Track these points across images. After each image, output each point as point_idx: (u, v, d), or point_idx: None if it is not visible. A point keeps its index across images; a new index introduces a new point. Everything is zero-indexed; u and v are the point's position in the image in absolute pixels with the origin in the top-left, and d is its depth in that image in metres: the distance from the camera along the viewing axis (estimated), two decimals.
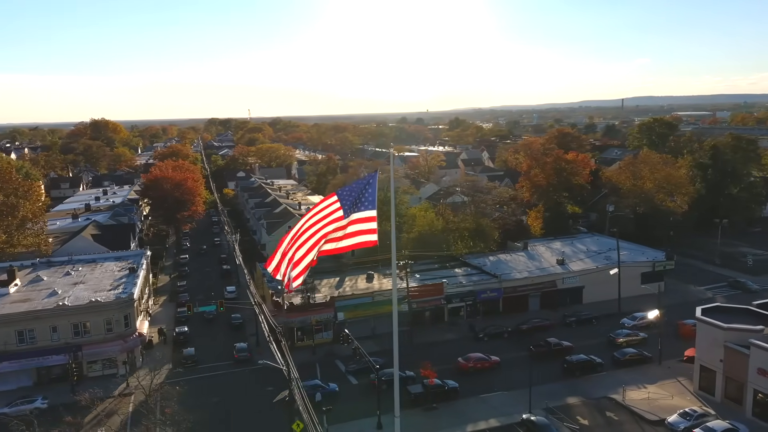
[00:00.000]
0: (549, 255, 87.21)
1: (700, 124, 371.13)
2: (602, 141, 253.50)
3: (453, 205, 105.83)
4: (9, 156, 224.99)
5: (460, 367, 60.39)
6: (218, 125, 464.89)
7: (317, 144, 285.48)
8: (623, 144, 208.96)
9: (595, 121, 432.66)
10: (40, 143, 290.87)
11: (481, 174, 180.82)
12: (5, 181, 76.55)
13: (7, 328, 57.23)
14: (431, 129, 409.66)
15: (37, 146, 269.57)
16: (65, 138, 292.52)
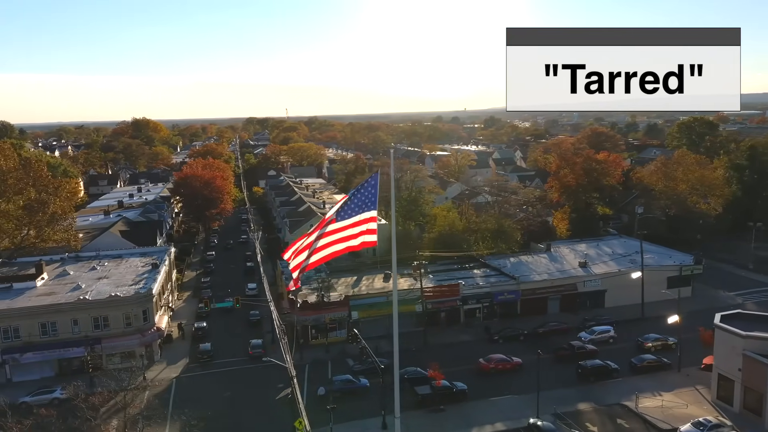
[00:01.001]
0: (572, 257, 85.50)
1: (747, 124, 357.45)
2: (642, 140, 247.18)
3: (476, 205, 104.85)
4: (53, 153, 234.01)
5: (481, 368, 59.86)
6: (256, 124, 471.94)
7: (350, 143, 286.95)
8: (662, 144, 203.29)
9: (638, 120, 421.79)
10: (84, 141, 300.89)
11: (512, 174, 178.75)
12: (36, 178, 79.38)
13: (31, 320, 59.49)
14: (466, 128, 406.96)
15: (81, 144, 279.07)
16: (108, 136, 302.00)
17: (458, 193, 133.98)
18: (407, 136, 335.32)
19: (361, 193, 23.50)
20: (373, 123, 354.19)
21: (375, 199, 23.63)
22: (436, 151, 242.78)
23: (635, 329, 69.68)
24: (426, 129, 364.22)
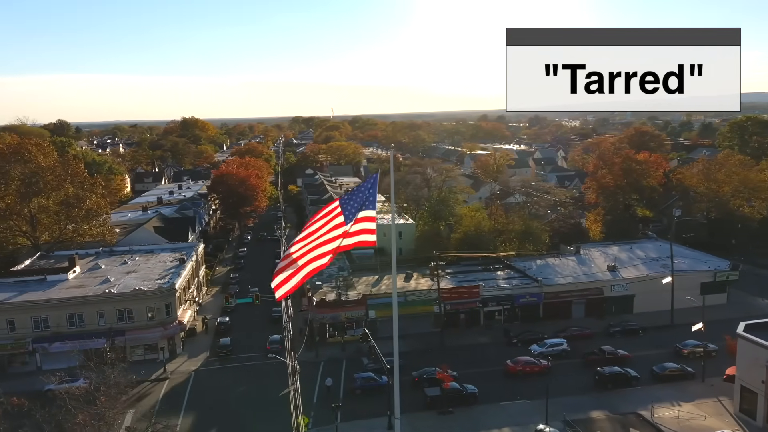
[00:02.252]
0: (601, 260, 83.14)
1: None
2: (692, 140, 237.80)
3: (506, 205, 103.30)
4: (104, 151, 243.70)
5: (508, 370, 59.15)
6: (301, 123, 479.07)
7: (391, 142, 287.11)
8: (713, 144, 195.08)
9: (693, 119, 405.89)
10: (136, 140, 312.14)
11: (551, 174, 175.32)
12: (73, 175, 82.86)
13: (59, 311, 62.20)
14: (511, 126, 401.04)
15: (132, 142, 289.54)
16: (158, 135, 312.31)
17: (492, 193, 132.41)
18: (449, 135, 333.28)
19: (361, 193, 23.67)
20: (414, 122, 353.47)
21: (374, 199, 23.77)
22: (477, 150, 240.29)
23: (663, 336, 67.43)
24: (469, 128, 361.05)
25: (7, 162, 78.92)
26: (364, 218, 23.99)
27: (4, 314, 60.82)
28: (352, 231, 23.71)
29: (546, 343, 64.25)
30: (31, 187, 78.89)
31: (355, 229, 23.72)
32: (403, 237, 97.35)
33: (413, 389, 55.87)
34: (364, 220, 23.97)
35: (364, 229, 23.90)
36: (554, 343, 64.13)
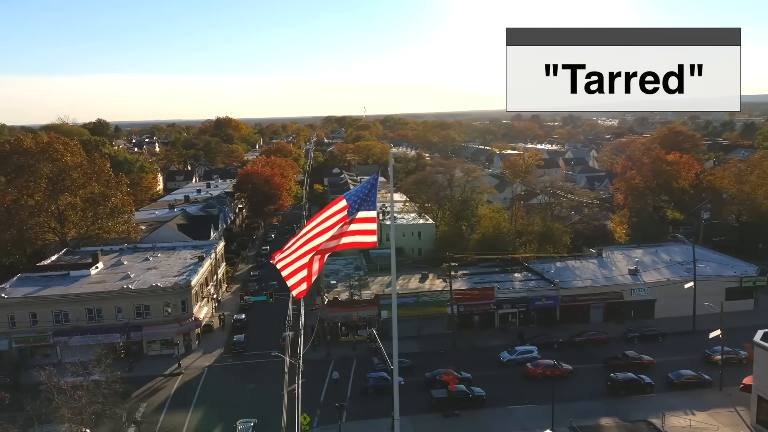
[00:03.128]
0: (624, 264, 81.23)
1: None
2: (732, 140, 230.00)
3: (528, 206, 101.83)
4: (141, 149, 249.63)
5: (528, 373, 58.39)
6: (334, 123, 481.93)
7: (421, 141, 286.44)
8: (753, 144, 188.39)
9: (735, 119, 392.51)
10: (171, 139, 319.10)
11: (580, 174, 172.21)
12: (99, 173, 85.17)
13: (79, 306, 64.07)
14: (545, 125, 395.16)
15: (168, 141, 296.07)
16: (193, 134, 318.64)
17: (517, 194, 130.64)
18: (480, 135, 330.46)
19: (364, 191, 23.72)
20: (445, 121, 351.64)
21: (375, 200, 23.79)
22: (507, 150, 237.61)
23: (684, 342, 65.55)
24: (501, 127, 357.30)
25: (36, 160, 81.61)
26: (364, 219, 24.02)
27: (26, 308, 62.97)
28: (351, 230, 23.81)
29: (516, 350, 62.99)
30: (59, 185, 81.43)
31: (355, 229, 23.82)
32: (422, 237, 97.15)
33: (425, 390, 55.70)
34: (363, 221, 23.99)
35: (364, 230, 23.90)
36: (524, 351, 62.79)
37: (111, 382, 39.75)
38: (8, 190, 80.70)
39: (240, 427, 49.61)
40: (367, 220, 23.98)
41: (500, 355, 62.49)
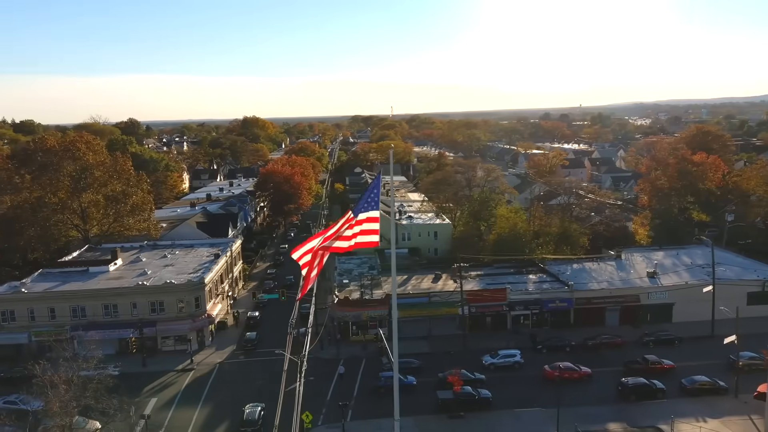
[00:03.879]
0: (643, 266, 79.56)
1: None
2: (766, 141, 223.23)
3: (547, 207, 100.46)
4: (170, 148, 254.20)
5: (546, 376, 57.53)
6: (360, 122, 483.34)
7: (446, 141, 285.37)
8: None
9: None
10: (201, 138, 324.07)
11: (606, 175, 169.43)
12: (120, 172, 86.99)
13: (95, 301, 65.55)
14: (575, 125, 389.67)
15: (196, 141, 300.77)
16: (220, 133, 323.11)
17: (538, 194, 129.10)
18: (506, 134, 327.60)
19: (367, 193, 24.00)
20: (471, 120, 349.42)
21: (378, 200, 23.98)
22: (532, 149, 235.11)
23: (702, 347, 63.99)
24: (528, 126, 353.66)
25: (60, 159, 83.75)
26: (367, 219, 24.18)
27: (45, 302, 64.69)
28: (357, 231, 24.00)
29: (498, 354, 62.11)
30: (81, 183, 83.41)
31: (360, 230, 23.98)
32: (438, 237, 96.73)
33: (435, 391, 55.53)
34: (366, 221, 24.16)
35: (367, 230, 24.12)
36: (507, 354, 61.89)
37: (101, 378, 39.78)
38: (33, 187, 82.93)
39: (248, 410, 50.91)
40: (369, 220, 24.22)
41: (482, 359, 61.70)
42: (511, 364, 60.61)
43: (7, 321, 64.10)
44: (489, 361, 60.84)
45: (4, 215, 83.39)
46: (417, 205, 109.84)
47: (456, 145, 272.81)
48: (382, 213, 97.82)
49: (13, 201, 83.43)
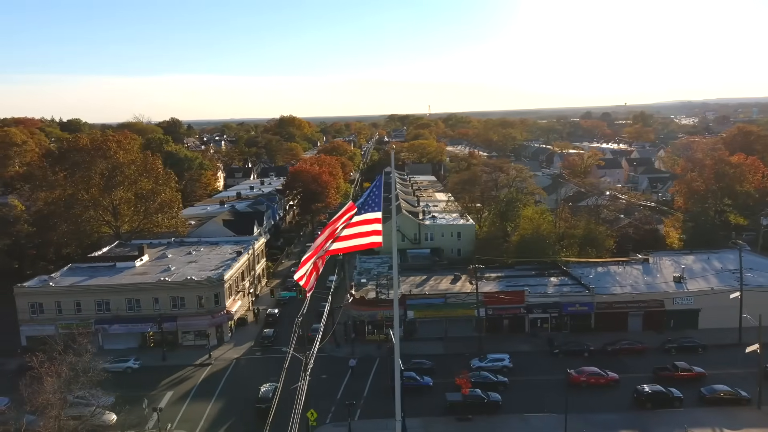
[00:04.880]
0: (671, 270, 77.28)
1: None
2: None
3: (574, 208, 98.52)
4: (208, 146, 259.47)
5: (571, 380, 56.05)
6: (397, 121, 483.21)
7: (481, 140, 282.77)
8: None
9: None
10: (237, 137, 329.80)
11: (642, 176, 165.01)
12: (150, 170, 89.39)
13: (119, 296, 67.61)
14: (616, 124, 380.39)
15: (234, 139, 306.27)
16: (256, 132, 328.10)
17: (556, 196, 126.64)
18: (544, 133, 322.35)
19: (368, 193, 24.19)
20: (507, 119, 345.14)
21: (380, 201, 24.15)
22: (568, 149, 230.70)
23: (728, 355, 61.70)
24: (566, 125, 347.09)
25: (92, 157, 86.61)
26: (369, 220, 24.24)
27: (72, 296, 67.06)
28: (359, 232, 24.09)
29: (487, 358, 61.19)
30: (111, 180, 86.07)
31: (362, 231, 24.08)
32: (462, 238, 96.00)
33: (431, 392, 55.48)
34: (369, 222, 24.22)
35: (370, 231, 24.18)
36: (496, 359, 60.88)
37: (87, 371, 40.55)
38: (66, 185, 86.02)
39: (263, 389, 53.62)
40: (372, 221, 24.20)
41: (471, 362, 60.88)
42: (499, 368, 59.67)
43: (36, 313, 66.68)
44: (477, 365, 60.03)
45: (39, 211, 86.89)
46: (442, 205, 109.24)
47: (491, 144, 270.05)
48: (405, 212, 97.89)
49: (47, 198, 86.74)
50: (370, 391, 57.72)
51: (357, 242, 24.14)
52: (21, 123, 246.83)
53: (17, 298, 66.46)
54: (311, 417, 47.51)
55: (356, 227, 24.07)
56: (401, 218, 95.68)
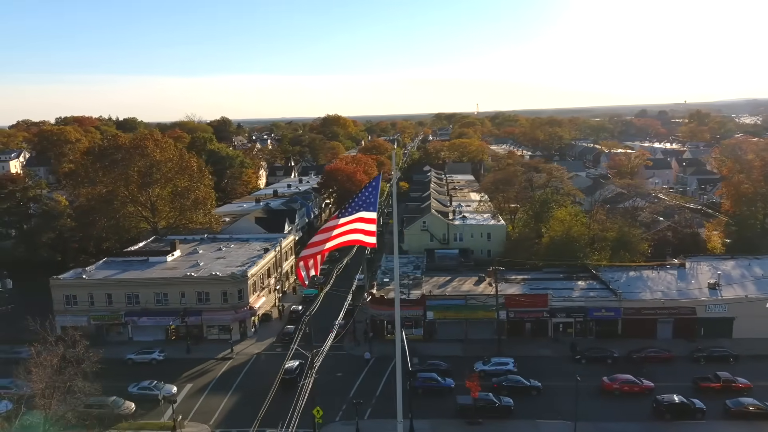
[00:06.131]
0: (707, 276, 74.03)
1: None
2: None
3: (610, 210, 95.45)
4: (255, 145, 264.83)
5: (604, 387, 55.26)
6: (443, 120, 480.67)
7: (527, 139, 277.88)
8: None
9: None
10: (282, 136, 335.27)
11: (692, 177, 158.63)
12: (185, 168, 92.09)
13: (148, 289, 69.98)
14: (673, 122, 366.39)
15: (280, 138, 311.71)
16: (302, 131, 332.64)
17: (610, 196, 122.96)
18: (594, 132, 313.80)
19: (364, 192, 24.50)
20: (555, 118, 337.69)
21: (375, 201, 24.44)
22: (617, 148, 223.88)
23: (760, 367, 58.81)
24: (618, 124, 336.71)
25: (130, 155, 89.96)
26: (365, 219, 24.46)
27: (103, 289, 69.86)
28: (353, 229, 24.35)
29: (491, 361, 59.95)
30: (148, 178, 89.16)
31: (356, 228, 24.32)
32: (492, 239, 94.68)
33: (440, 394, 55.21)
34: (365, 221, 24.44)
35: (365, 230, 24.42)
36: (499, 362, 59.60)
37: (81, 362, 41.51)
38: (106, 181, 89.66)
39: (287, 365, 56.14)
40: (368, 220, 24.35)
41: (474, 366, 59.69)
42: (503, 372, 58.51)
43: (70, 304, 69.80)
44: (480, 368, 58.99)
45: (80, 206, 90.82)
46: (475, 205, 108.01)
47: (537, 143, 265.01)
48: (434, 212, 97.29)
49: (88, 194, 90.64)
50: (383, 390, 57.71)
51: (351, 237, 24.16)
52: (78, 122, 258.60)
53: (53, 289, 69.73)
54: (317, 414, 47.90)
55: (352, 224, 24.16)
56: (430, 218, 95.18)
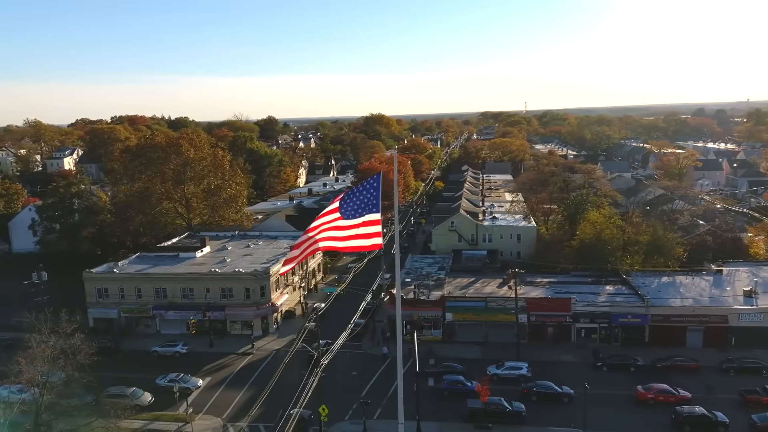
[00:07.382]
0: (745, 283, 70.61)
1: None
2: None
3: (647, 212, 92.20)
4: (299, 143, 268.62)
5: (638, 397, 53.87)
6: (489, 118, 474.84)
7: (574, 138, 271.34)
8: None
9: None
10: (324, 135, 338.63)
11: (742, 179, 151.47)
12: (217, 166, 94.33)
13: (175, 284, 72.05)
14: (732, 122, 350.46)
15: (322, 137, 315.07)
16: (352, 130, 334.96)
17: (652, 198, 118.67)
18: (645, 132, 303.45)
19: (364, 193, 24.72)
20: (604, 116, 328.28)
21: (378, 201, 24.64)
22: (667, 148, 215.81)
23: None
24: (672, 123, 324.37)
25: (166, 154, 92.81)
26: (369, 222, 24.58)
27: (133, 283, 72.35)
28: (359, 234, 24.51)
29: (504, 365, 58.71)
30: (182, 175, 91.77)
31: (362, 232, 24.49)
32: (522, 240, 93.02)
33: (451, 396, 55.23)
34: (368, 224, 24.57)
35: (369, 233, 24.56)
36: (513, 366, 58.28)
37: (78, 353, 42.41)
38: (142, 178, 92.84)
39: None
40: (371, 223, 24.38)
41: (487, 369, 58.50)
42: (515, 376, 57.37)
43: (102, 297, 72.59)
44: (493, 372, 57.91)
45: (118, 203, 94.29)
46: (508, 206, 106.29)
47: (583, 143, 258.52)
48: (463, 212, 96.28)
49: (126, 191, 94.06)
50: (396, 390, 57.49)
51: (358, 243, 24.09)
52: (131, 120, 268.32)
53: (86, 282, 72.72)
54: (323, 412, 48.22)
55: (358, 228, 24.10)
56: (458, 218, 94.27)
